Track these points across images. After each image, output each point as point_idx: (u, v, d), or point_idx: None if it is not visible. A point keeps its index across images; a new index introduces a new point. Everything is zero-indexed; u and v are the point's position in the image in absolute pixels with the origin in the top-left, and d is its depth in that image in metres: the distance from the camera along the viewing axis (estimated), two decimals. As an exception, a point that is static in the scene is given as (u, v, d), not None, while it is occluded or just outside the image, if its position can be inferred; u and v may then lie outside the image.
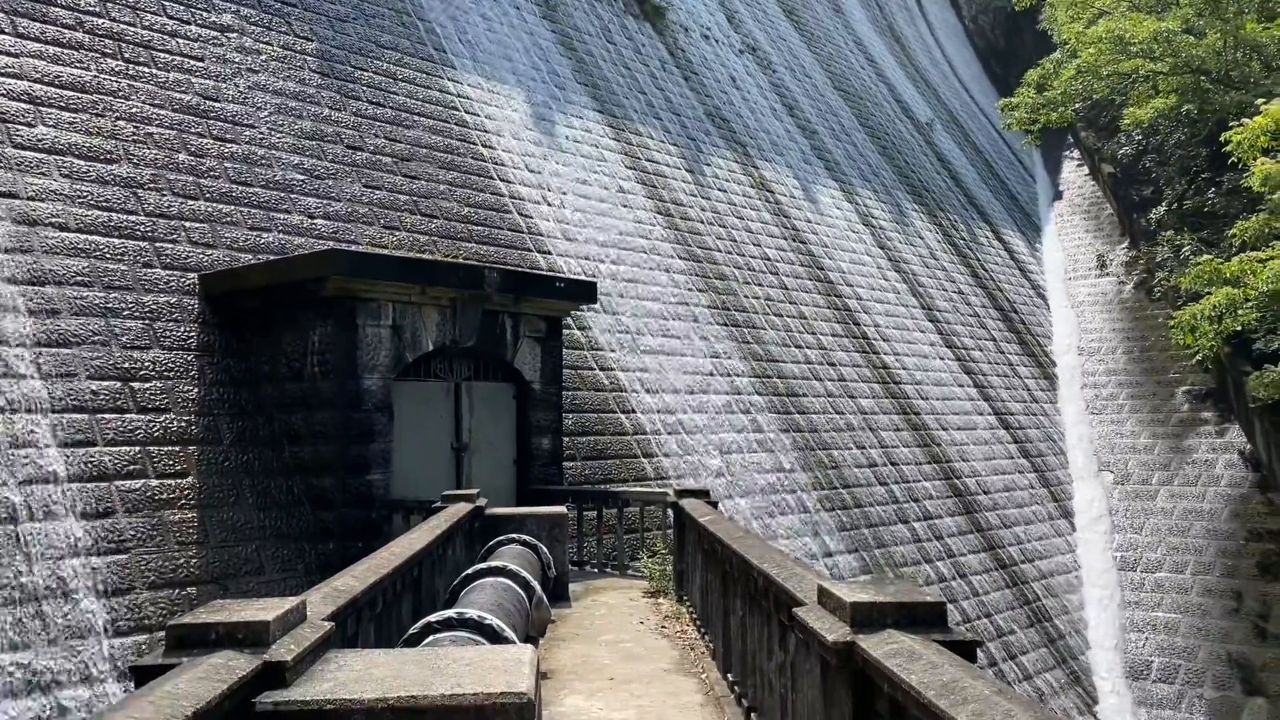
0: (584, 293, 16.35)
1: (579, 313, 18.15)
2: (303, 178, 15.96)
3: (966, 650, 4.66)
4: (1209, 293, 20.08)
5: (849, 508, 20.77)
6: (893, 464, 23.11)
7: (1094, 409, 31.56)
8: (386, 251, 15.73)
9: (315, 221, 15.64)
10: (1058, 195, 42.06)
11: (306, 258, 13.82)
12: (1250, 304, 19.02)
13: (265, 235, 14.91)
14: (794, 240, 26.93)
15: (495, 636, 6.76)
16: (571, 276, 18.23)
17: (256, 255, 14.52)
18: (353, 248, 15.41)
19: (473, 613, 7.08)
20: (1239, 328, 19.78)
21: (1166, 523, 27.08)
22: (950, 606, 20.80)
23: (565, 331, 17.08)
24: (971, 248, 35.68)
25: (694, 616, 11.06)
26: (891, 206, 32.94)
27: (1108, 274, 36.03)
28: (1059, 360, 33.76)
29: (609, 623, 11.48)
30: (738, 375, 21.16)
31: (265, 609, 4.55)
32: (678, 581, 12.49)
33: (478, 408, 15.05)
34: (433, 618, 6.95)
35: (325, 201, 16.02)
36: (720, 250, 23.96)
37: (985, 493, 25.43)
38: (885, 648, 4.57)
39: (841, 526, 20.21)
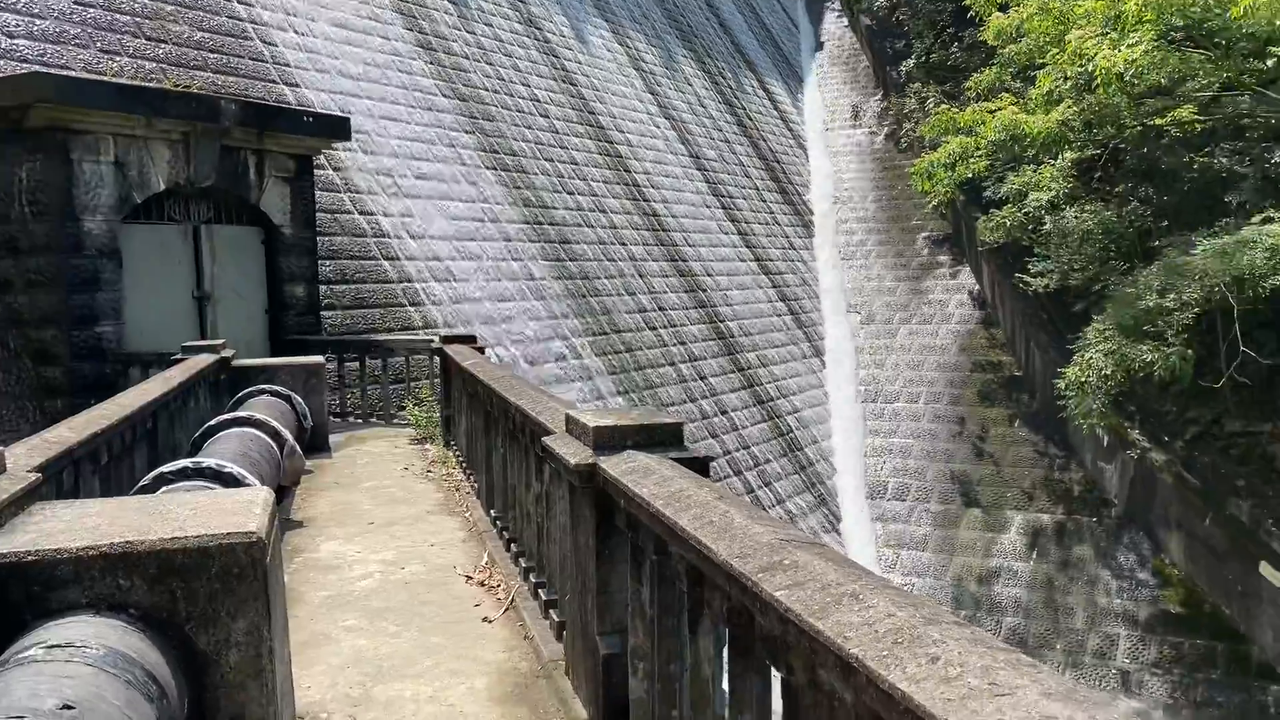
0: (337, 129, 15.36)
1: (333, 152, 17.10)
2: (-4, -10, 13.89)
3: (700, 465, 4.86)
4: (945, 141, 21.39)
5: (620, 352, 21.21)
6: (661, 309, 23.68)
7: (845, 255, 33.41)
8: (105, 78, 14.07)
9: (16, 42, 13.72)
10: (819, 46, 43.07)
11: (3, 81, 12.15)
12: (981, 152, 20.43)
13: (-47, 56, 12.96)
14: (564, 82, 26.32)
15: (236, 484, 6.46)
16: (322, 111, 17.05)
17: (-57, 79, 12.64)
18: (63, 73, 13.68)
19: (211, 461, 6.73)
20: (970, 175, 21.29)
21: (905, 358, 29.41)
22: (713, 441, 21.96)
23: (318, 172, 16.09)
24: (738, 96, 36.18)
25: (460, 460, 11.07)
26: (662, 51, 32.70)
27: (862, 125, 37.63)
28: (816, 208, 35.30)
29: (372, 470, 11.31)
30: (508, 221, 20.79)
31: (-56, 460, 4.09)
32: (445, 427, 12.42)
33: (221, 254, 14.05)
34: (166, 468, 6.56)
35: (27, 19, 14.05)
36: (488, 90, 23.08)
37: (746, 335, 26.63)
38: (624, 466, 4.69)
39: (613, 370, 20.66)
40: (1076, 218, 23.83)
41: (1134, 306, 19.32)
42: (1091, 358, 19.17)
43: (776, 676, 3.20)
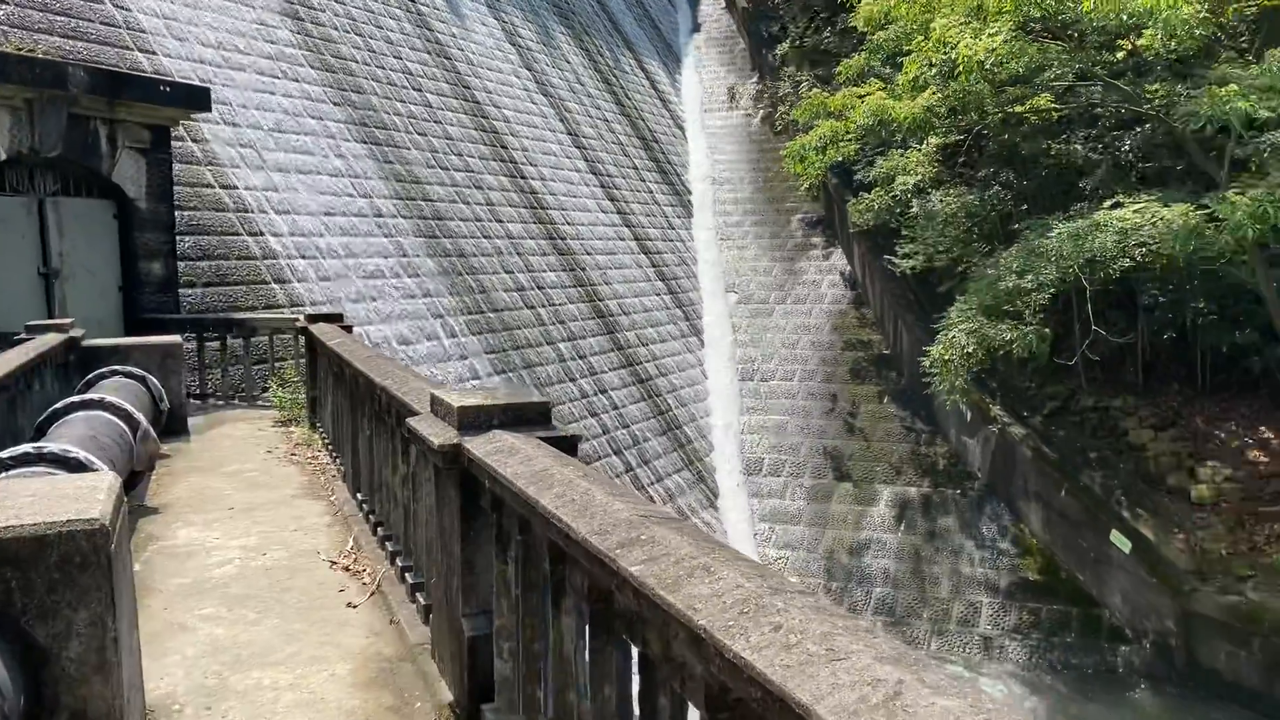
0: (196, 99, 14.68)
1: (192, 123, 16.34)
2: None
3: (568, 444, 4.84)
4: (817, 125, 21.85)
5: (497, 331, 20.99)
6: (540, 288, 23.53)
7: (723, 235, 33.83)
8: (-64, 39, 13.10)
9: None
10: (697, 27, 43.33)
11: None
12: (850, 136, 20.95)
13: None
14: (439, 56, 25.78)
15: (82, 470, 6.14)
16: (180, 80, 16.26)
17: None
18: (-112, 32, 12.67)
19: (54, 446, 6.38)
20: (841, 158, 21.80)
21: (780, 337, 30.00)
22: (592, 420, 21.99)
23: (177, 144, 15.37)
24: (616, 74, 36.13)
25: (326, 442, 10.79)
26: (539, 28, 32.35)
27: (738, 107, 38.08)
28: (694, 189, 35.60)
29: (233, 453, 10.91)
30: (379, 196, 20.28)
31: None
32: (311, 409, 12.08)
33: (70, 228, 13.29)
34: (4, 454, 6.17)
35: None
36: (358, 61, 22.42)
37: (626, 314, 26.71)
38: (489, 446, 4.64)
39: (490, 350, 20.43)
40: (941, 201, 24.67)
41: (994, 287, 20.13)
42: (954, 336, 19.91)
43: (636, 651, 3.22)
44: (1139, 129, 24.03)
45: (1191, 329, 23.57)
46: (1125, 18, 17.02)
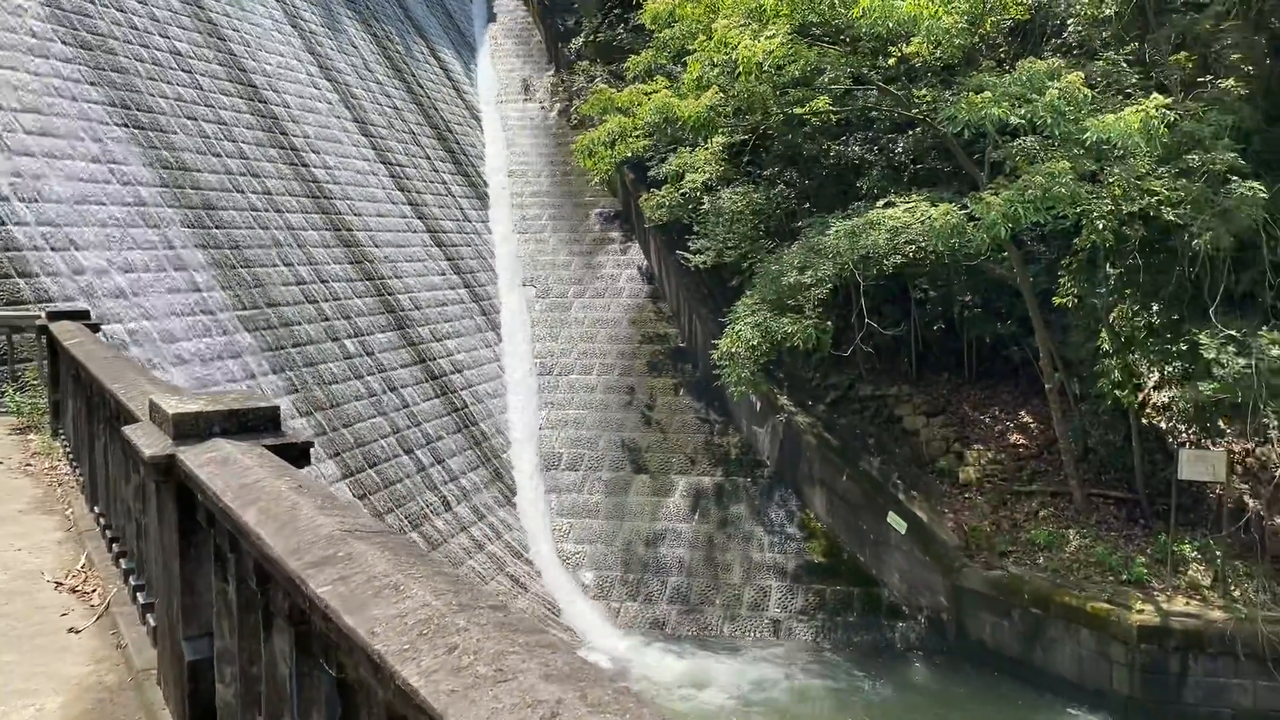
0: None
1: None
2: None
3: (297, 452, 4.55)
4: (606, 120, 21.96)
5: (275, 327, 19.96)
6: (323, 281, 22.56)
7: (521, 228, 33.56)
8: None
9: None
10: (492, 18, 42.82)
11: None
12: (639, 132, 21.17)
13: None
14: (211, 36, 24.25)
15: None
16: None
17: None
18: None
19: None
20: (630, 154, 22.01)
21: (578, 331, 30.06)
22: (381, 419, 21.30)
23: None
24: (408, 62, 35.16)
25: (67, 451, 9.89)
26: (323, 10, 31.03)
27: (534, 99, 37.87)
28: (490, 181, 35.14)
29: (-45, 466, 9.82)
30: (142, 184, 18.85)
31: None
32: (54, 415, 11.07)
33: None
34: None
35: None
36: (118, 39, 20.76)
37: (418, 308, 26.02)
38: (204, 457, 4.29)
39: (267, 347, 19.40)
40: (730, 199, 25.34)
41: (777, 283, 20.84)
42: (740, 330, 20.48)
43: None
44: (911, 132, 25.49)
45: (959, 321, 25.24)
46: (893, 24, 17.94)
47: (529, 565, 23.03)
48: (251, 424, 4.65)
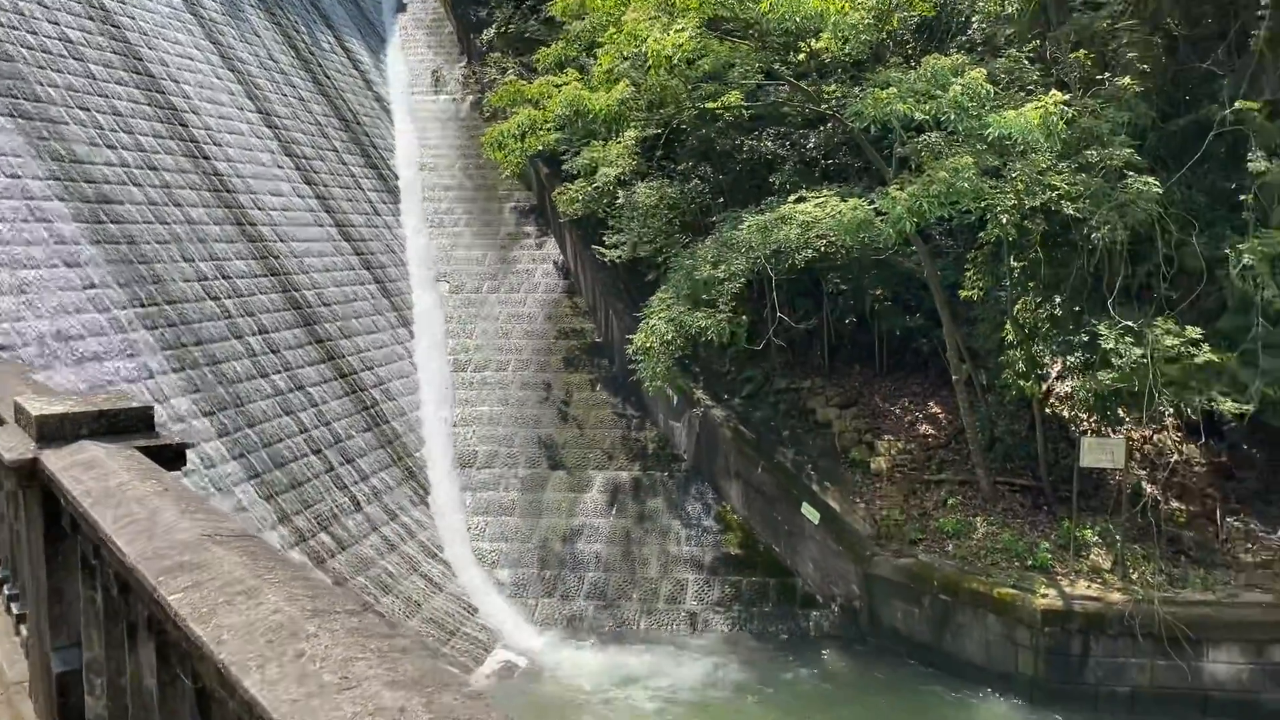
0: None
1: None
2: None
3: (171, 454, 4.38)
4: (516, 112, 21.77)
5: (175, 325, 19.30)
6: (226, 277, 21.90)
7: (433, 222, 33.08)
8: None
9: None
10: (401, 7, 42.10)
11: None
12: (550, 125, 21.03)
13: None
14: (104, 23, 23.34)
15: None
16: None
17: None
18: None
19: None
20: (541, 147, 21.84)
21: (494, 326, 29.75)
22: (288, 419, 20.79)
23: None
24: (314, 53, 34.35)
25: (-57, 455, 9.37)
26: (225, -2, 30.12)
27: (445, 91, 37.35)
28: (401, 174, 34.54)
29: None
30: (31, 177, 18.04)
31: None
32: (-70, 417, 10.49)
33: None
34: None
35: None
36: (1, 24, 19.83)
37: (326, 304, 25.45)
38: (69, 460, 4.08)
39: (166, 345, 18.75)
40: (644, 193, 25.33)
41: (691, 277, 20.92)
42: (655, 324, 20.51)
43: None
44: (822, 128, 25.80)
45: (871, 315, 25.65)
46: (801, 20, 18.11)
47: (444, 565, 22.73)
48: (123, 425, 4.45)
